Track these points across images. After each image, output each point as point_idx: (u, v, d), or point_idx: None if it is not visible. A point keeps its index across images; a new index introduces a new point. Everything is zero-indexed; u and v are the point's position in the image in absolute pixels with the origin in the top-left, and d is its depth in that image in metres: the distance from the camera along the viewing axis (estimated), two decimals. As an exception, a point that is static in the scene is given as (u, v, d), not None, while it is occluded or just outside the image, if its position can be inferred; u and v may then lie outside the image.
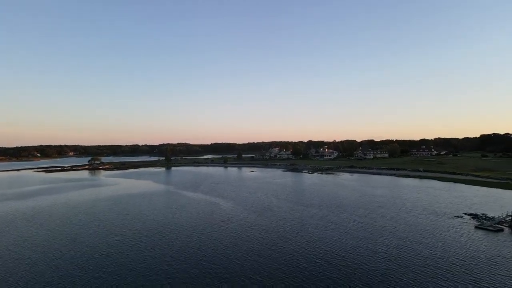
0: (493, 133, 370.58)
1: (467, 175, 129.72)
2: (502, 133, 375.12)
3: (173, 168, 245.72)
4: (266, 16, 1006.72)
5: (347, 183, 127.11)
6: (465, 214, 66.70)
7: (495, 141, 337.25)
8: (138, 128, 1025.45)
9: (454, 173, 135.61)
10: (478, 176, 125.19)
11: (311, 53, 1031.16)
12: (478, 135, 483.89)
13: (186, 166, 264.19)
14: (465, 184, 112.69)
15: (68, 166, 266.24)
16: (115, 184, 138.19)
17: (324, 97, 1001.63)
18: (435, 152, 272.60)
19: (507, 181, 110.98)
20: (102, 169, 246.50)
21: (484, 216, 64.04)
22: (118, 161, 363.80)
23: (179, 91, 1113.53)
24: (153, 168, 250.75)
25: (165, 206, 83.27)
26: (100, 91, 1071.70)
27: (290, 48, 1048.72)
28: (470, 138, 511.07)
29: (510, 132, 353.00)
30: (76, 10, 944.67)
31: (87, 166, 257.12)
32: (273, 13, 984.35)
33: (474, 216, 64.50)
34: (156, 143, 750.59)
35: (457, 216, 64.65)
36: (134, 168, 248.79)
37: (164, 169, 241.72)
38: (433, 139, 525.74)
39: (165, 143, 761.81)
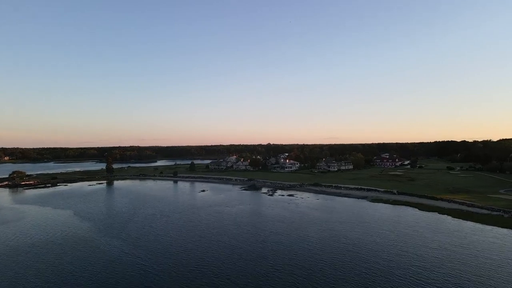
0: (451, 140, 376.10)
1: (449, 201, 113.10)
2: (457, 140, 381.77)
3: (115, 183, 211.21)
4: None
5: (315, 214, 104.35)
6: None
7: (452, 148, 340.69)
8: (89, 129, 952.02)
9: (434, 198, 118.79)
10: (462, 203, 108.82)
11: (269, 53, 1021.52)
12: (431, 140, 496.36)
13: (131, 180, 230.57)
14: (452, 217, 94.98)
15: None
16: (18, 219, 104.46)
17: (284, 98, 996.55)
18: (399, 162, 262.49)
19: (500, 213, 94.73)
20: (25, 185, 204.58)
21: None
22: (52, 171, 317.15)
23: (136, 88, 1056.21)
24: (91, 182, 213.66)
25: None
26: (48, 87, 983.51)
27: (251, 48, 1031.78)
28: (425, 143, 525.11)
29: (467, 139, 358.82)
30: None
31: (5, 182, 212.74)
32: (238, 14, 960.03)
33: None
34: (108, 145, 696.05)
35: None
36: (67, 184, 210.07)
37: (104, 184, 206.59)
38: (392, 142, 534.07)
39: (116, 146, 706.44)
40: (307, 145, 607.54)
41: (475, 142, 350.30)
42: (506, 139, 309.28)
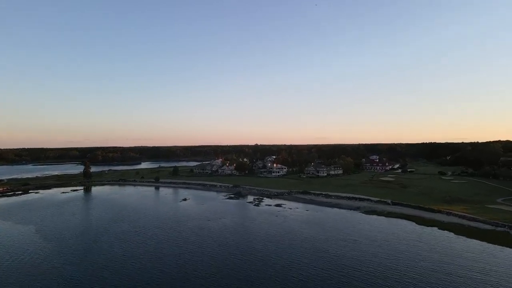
0: (439, 142, 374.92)
1: (448, 214, 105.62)
2: (442, 141, 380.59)
3: (92, 190, 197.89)
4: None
5: (305, 231, 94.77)
6: None
7: (441, 151, 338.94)
8: (78, 128, 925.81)
9: (431, 210, 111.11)
10: (463, 216, 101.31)
11: (268, 52, 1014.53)
12: (418, 141, 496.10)
13: (110, 185, 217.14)
14: (455, 233, 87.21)
15: None
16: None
17: (275, 97, 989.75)
18: (389, 166, 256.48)
19: (505, 229, 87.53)
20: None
21: None
22: (28, 174, 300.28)
23: (135, 87, 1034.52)
24: (66, 189, 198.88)
25: None
26: (48, 88, 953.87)
27: (250, 47, 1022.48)
28: (413, 144, 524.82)
29: (454, 140, 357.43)
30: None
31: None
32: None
33: None
34: (92, 145, 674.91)
35: None
36: (39, 190, 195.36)
37: (80, 191, 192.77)
38: (380, 143, 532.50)
39: (99, 146, 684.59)
40: (294, 145, 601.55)
41: (463, 143, 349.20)
42: (493, 142, 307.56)
